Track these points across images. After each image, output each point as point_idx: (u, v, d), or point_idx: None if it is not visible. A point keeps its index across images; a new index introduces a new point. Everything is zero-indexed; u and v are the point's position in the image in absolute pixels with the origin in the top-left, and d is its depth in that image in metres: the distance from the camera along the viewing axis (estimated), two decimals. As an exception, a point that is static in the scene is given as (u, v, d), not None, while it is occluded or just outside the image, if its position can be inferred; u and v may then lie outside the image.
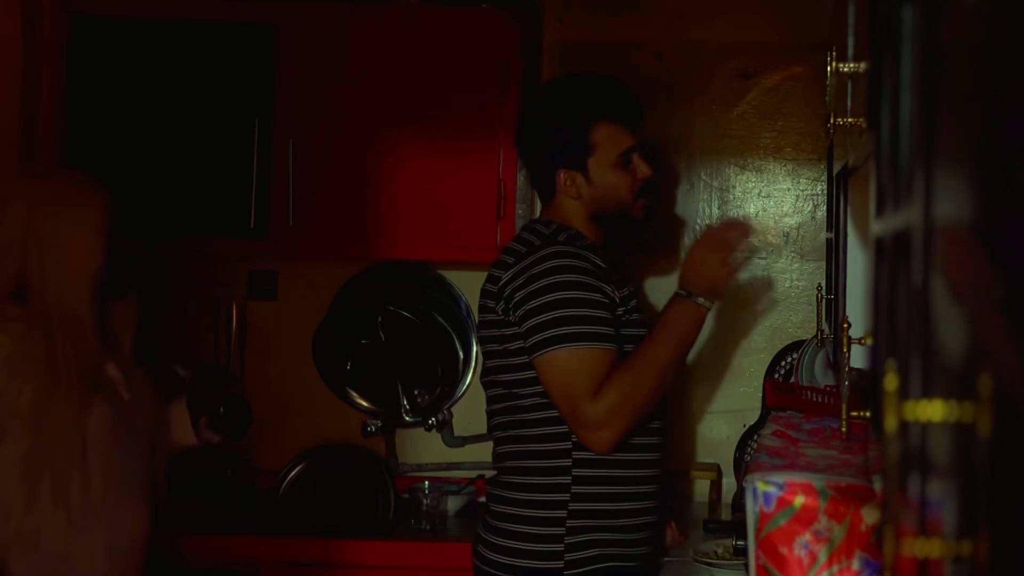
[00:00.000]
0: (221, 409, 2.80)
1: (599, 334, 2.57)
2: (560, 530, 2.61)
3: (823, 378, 3.22)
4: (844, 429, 1.73)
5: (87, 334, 2.54)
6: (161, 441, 2.73)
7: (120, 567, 2.59)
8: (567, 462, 2.63)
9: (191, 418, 2.77)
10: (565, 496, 2.62)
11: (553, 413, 2.64)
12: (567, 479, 2.62)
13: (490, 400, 2.78)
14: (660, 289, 3.59)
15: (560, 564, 2.60)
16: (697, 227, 3.58)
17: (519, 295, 2.61)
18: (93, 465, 2.51)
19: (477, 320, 2.80)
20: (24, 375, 2.45)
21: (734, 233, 2.67)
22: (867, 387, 1.59)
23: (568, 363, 2.56)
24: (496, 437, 2.77)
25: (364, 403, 3.59)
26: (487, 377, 2.76)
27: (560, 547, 2.60)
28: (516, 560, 2.63)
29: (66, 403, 2.48)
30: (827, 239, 3.02)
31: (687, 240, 3.58)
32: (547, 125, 2.74)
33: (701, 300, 2.62)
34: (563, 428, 2.63)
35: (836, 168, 2.54)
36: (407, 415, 3.51)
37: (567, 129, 2.71)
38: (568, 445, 2.64)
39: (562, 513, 2.61)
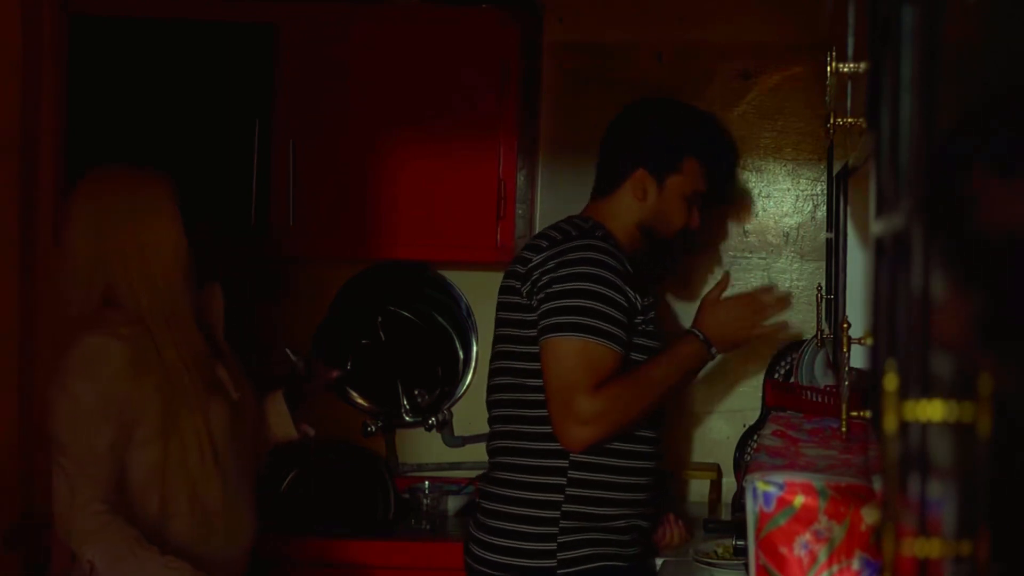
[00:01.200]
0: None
1: (610, 333, 2.59)
2: (553, 529, 2.61)
3: (823, 378, 3.22)
4: (844, 429, 1.73)
5: (190, 332, 2.49)
6: (260, 436, 2.74)
7: (238, 566, 2.59)
8: (563, 463, 2.63)
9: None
10: (559, 496, 2.63)
11: None
12: (562, 480, 2.63)
13: (495, 388, 2.77)
14: (668, 304, 3.59)
15: (553, 563, 2.60)
16: (697, 227, 3.58)
17: (545, 279, 2.63)
18: (221, 467, 2.49)
19: (497, 302, 2.80)
20: (147, 381, 2.41)
21: (771, 300, 2.78)
22: (867, 387, 1.59)
23: (572, 352, 2.57)
24: (495, 430, 2.77)
25: (364, 403, 3.59)
26: (498, 363, 2.76)
27: (553, 546, 2.61)
28: (509, 559, 2.63)
29: (190, 407, 2.44)
30: (827, 239, 3.02)
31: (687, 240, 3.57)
32: (658, 125, 2.85)
33: (713, 350, 2.75)
34: None
35: (836, 168, 2.54)
36: (407, 415, 3.51)
37: (672, 141, 2.83)
38: None
39: (555, 513, 2.62)
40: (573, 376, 2.56)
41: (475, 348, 3.60)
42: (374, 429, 3.50)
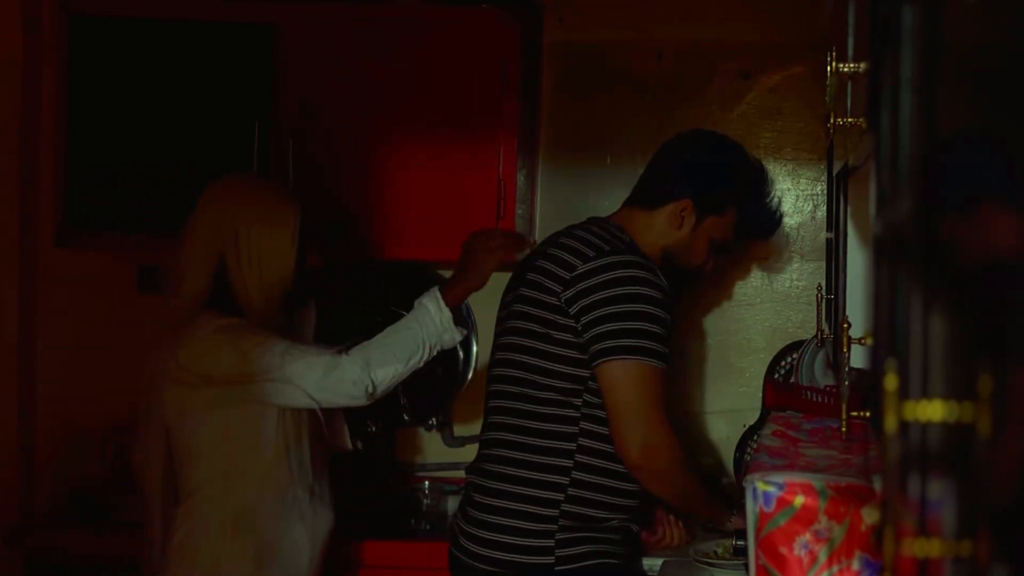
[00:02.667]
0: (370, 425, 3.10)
1: (668, 357, 2.65)
2: (552, 527, 2.61)
3: (823, 378, 3.22)
4: (844, 429, 1.73)
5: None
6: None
7: (316, 558, 2.75)
8: (568, 463, 2.63)
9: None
10: (560, 496, 2.62)
11: (566, 412, 2.63)
12: (565, 479, 2.63)
13: (500, 379, 2.75)
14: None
15: (551, 559, 2.60)
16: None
17: (600, 295, 2.61)
18: (301, 463, 2.67)
19: (514, 294, 2.79)
20: None
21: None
22: (867, 387, 1.59)
23: (646, 375, 2.60)
24: (494, 421, 2.75)
25: (364, 403, 3.59)
26: (506, 354, 2.74)
27: (551, 543, 2.60)
28: (506, 554, 2.62)
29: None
30: (827, 239, 3.02)
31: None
32: (724, 166, 2.87)
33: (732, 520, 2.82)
34: (572, 429, 2.63)
35: (836, 168, 2.55)
36: (407, 415, 3.51)
37: (729, 187, 2.86)
38: (573, 447, 2.63)
39: (554, 512, 2.61)
40: (650, 399, 2.60)
41: (475, 348, 3.59)
42: (374, 429, 3.49)
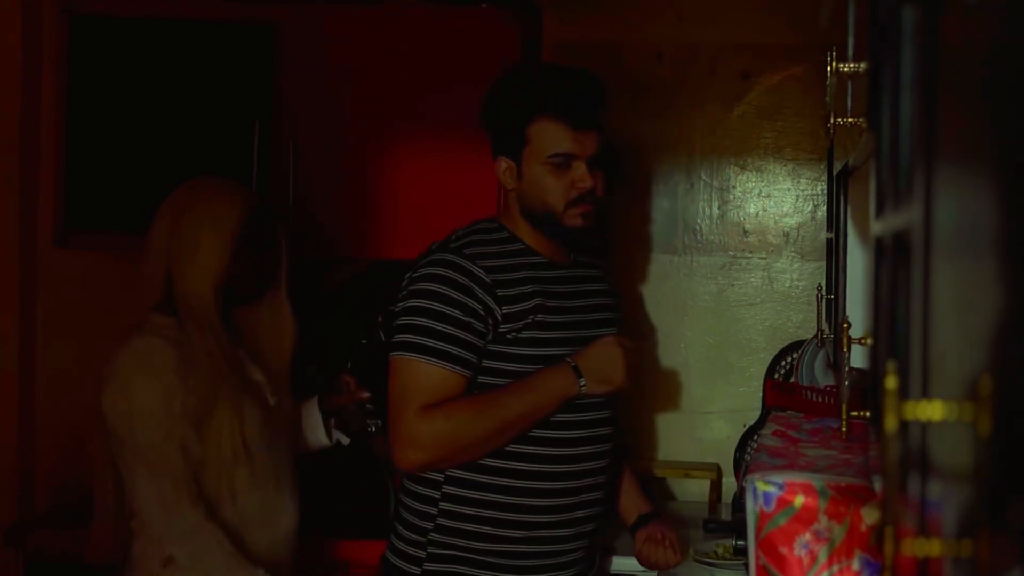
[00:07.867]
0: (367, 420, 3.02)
1: (440, 351, 2.46)
2: (423, 539, 2.56)
3: (823, 378, 3.22)
4: (844, 429, 1.73)
5: (218, 334, 2.59)
6: (296, 441, 2.84)
7: (277, 561, 2.69)
8: (439, 477, 2.55)
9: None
10: (433, 510, 2.55)
11: None
12: (436, 494, 2.55)
13: None
14: (652, 295, 3.59)
15: (417, 571, 2.55)
16: (698, 227, 3.58)
17: (399, 300, 2.58)
18: (255, 467, 2.61)
19: None
20: (190, 380, 2.52)
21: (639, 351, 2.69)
22: (867, 387, 1.59)
23: (402, 371, 2.49)
24: None
25: (364, 403, 3.59)
26: None
27: (423, 554, 2.56)
28: (390, 556, 2.62)
29: (224, 406, 2.56)
30: (827, 239, 3.03)
31: (687, 240, 3.58)
32: (493, 110, 2.63)
33: (583, 381, 2.49)
34: None
35: (836, 168, 2.55)
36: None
37: (508, 116, 2.59)
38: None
39: (428, 524, 2.55)
40: (402, 396, 2.48)
41: (475, 348, 3.59)
42: (374, 429, 3.49)
